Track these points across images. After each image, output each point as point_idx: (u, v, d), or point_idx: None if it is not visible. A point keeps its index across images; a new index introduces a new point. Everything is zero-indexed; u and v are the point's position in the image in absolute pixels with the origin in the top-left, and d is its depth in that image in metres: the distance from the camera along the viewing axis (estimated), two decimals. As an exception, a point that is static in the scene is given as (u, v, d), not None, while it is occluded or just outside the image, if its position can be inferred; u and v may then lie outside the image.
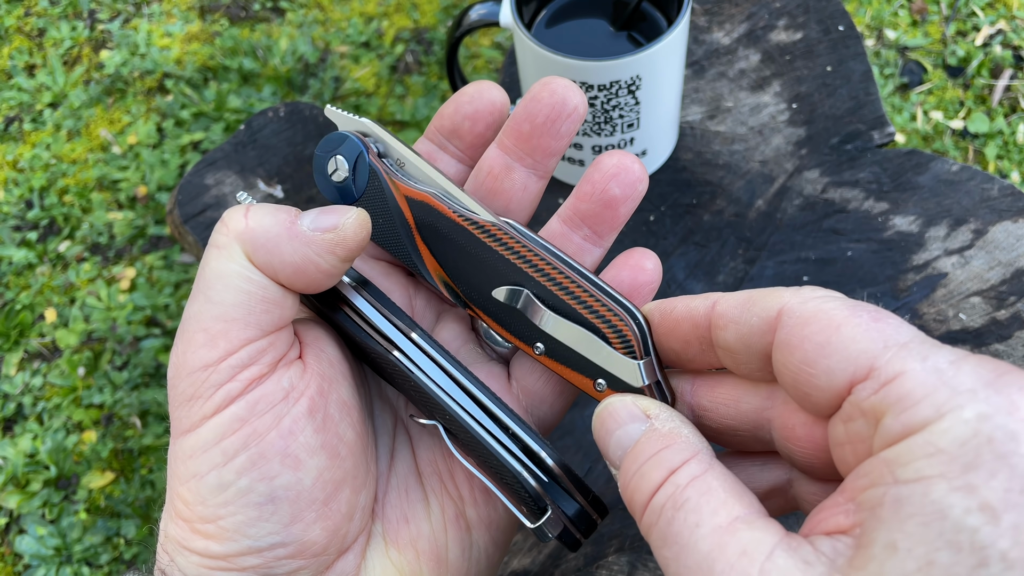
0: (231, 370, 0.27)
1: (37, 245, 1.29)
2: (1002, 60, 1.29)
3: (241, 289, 0.27)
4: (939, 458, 0.20)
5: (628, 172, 0.31)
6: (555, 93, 0.31)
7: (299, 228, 0.28)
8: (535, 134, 0.32)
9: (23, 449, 1.13)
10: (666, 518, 0.23)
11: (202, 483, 0.27)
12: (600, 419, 0.28)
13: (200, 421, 0.27)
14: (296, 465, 0.27)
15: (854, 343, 0.22)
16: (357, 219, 0.29)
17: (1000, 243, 0.57)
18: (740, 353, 0.26)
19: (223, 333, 0.27)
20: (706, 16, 0.70)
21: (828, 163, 0.62)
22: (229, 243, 0.27)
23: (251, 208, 0.28)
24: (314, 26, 1.44)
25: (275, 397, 0.27)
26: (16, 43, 1.50)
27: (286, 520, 0.27)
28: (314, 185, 0.67)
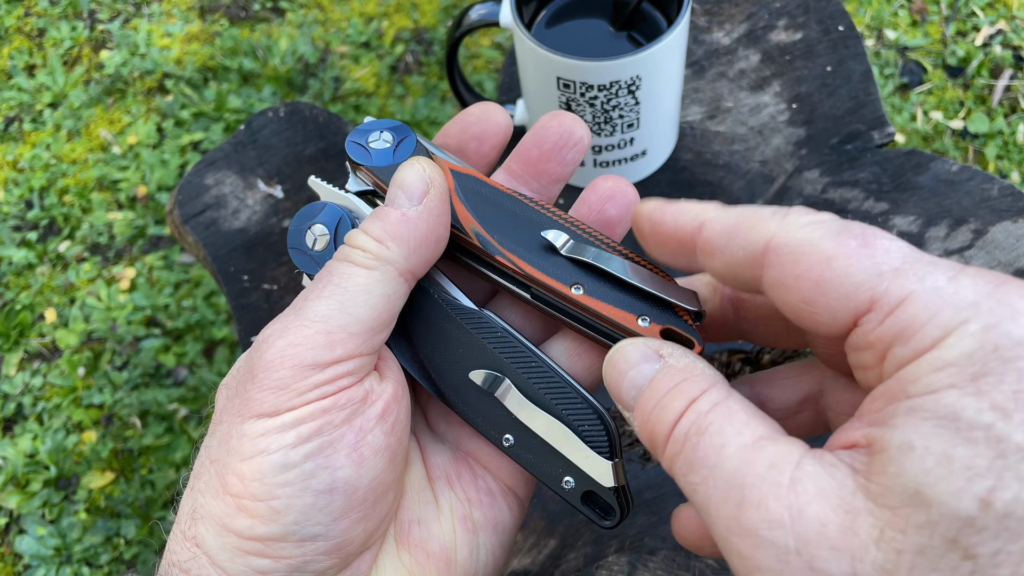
0: (334, 375, 0.28)
1: (37, 245, 1.29)
2: (1002, 60, 1.29)
3: (377, 308, 0.29)
4: (949, 371, 0.21)
5: (623, 194, 0.33)
6: (563, 124, 0.33)
7: (413, 214, 0.29)
8: (542, 159, 0.34)
9: (23, 449, 1.13)
10: (691, 444, 0.24)
11: (267, 460, 0.27)
12: (612, 362, 0.28)
13: (285, 409, 0.27)
14: (360, 463, 0.28)
15: (848, 277, 0.23)
16: (423, 163, 0.30)
17: (1000, 243, 0.57)
18: (729, 280, 0.27)
19: (342, 343, 0.28)
20: (706, 16, 0.70)
21: (828, 163, 0.62)
22: (381, 264, 0.29)
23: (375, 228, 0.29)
24: (314, 26, 1.44)
25: (356, 397, 0.28)
26: (16, 43, 1.50)
27: (336, 514, 0.28)
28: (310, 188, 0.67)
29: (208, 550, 0.27)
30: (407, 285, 0.30)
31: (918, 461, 0.20)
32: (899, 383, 0.22)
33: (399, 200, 0.30)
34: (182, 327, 1.20)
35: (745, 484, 0.22)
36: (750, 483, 0.22)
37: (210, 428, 0.29)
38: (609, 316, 0.30)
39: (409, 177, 0.30)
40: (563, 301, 0.31)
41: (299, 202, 0.66)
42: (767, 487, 0.22)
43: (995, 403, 0.20)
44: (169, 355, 1.18)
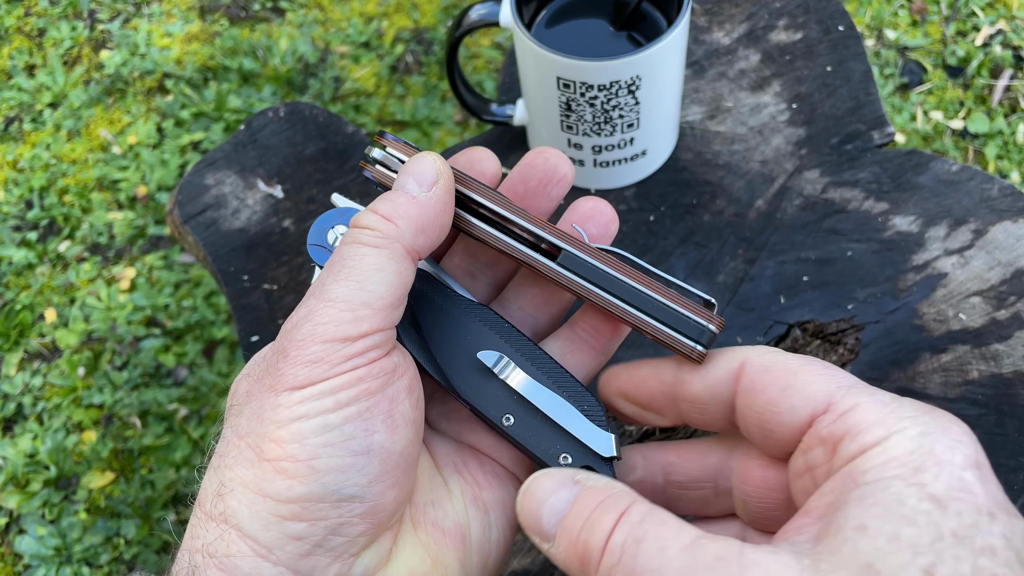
0: (364, 347, 0.29)
1: (37, 245, 1.29)
2: (1002, 60, 1.29)
3: (392, 284, 0.30)
4: (893, 464, 0.25)
5: (602, 215, 0.35)
6: (548, 161, 0.35)
7: (423, 198, 0.31)
8: (528, 195, 0.36)
9: (23, 449, 1.13)
10: (630, 552, 0.26)
11: (307, 424, 0.28)
12: (528, 493, 0.30)
13: (320, 380, 0.29)
14: (393, 429, 0.30)
15: (812, 384, 0.28)
16: (435, 157, 0.32)
17: (1000, 243, 0.57)
18: (707, 403, 0.31)
19: (368, 318, 0.29)
20: (706, 16, 0.70)
21: (828, 163, 0.62)
22: (390, 243, 0.30)
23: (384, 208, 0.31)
24: (314, 26, 1.44)
25: (387, 367, 0.30)
26: (16, 43, 1.50)
27: (372, 476, 0.29)
28: (314, 185, 0.67)
29: (240, 522, 0.28)
30: (413, 264, 0.31)
31: (871, 540, 0.23)
32: (848, 475, 0.25)
33: (408, 185, 0.31)
34: (182, 327, 1.20)
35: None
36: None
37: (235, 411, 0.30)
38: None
39: (420, 166, 0.32)
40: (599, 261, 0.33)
41: (299, 202, 0.66)
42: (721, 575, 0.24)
43: (933, 495, 0.24)
44: (169, 355, 1.18)
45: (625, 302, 0.33)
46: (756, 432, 0.29)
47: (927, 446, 0.25)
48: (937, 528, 0.23)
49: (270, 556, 0.28)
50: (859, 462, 0.25)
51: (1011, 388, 0.52)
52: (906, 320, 0.55)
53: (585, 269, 0.33)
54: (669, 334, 0.32)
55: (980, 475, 0.25)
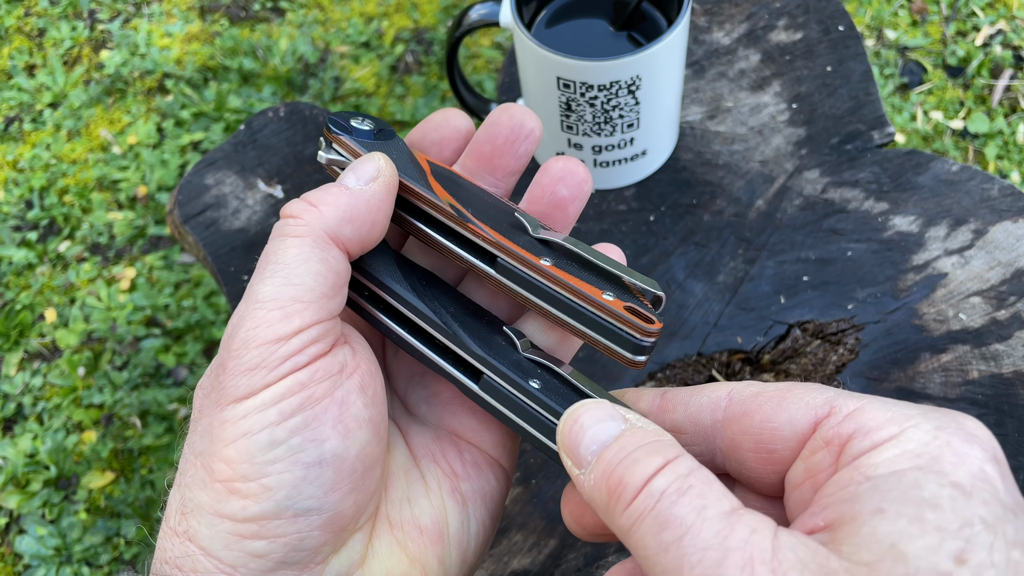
0: (301, 344, 0.28)
1: (37, 245, 1.29)
2: (1002, 60, 1.29)
3: (320, 273, 0.29)
4: (908, 455, 0.23)
5: (573, 175, 0.34)
6: (513, 117, 0.34)
7: (357, 190, 0.30)
8: (496, 154, 0.35)
9: (23, 449, 1.13)
10: (668, 501, 0.24)
11: (252, 440, 0.27)
12: (573, 416, 0.28)
13: (261, 387, 0.28)
14: (346, 433, 0.29)
15: (807, 395, 0.26)
16: (380, 156, 0.32)
17: (1000, 243, 0.57)
18: (687, 432, 0.29)
19: (299, 312, 0.28)
20: (706, 16, 0.70)
21: (828, 163, 0.62)
22: (312, 230, 0.29)
23: (313, 196, 0.30)
24: (314, 26, 1.44)
25: (332, 369, 0.29)
26: (16, 43, 1.50)
27: (327, 486, 0.28)
28: (314, 185, 0.67)
29: (202, 542, 0.28)
30: (340, 252, 0.30)
31: (891, 521, 0.22)
32: (858, 469, 0.23)
33: (346, 178, 0.31)
34: (182, 327, 1.20)
35: (728, 547, 0.23)
36: (733, 546, 0.22)
37: (190, 427, 0.30)
38: (575, 287, 0.31)
39: (362, 162, 0.31)
40: (532, 272, 0.32)
41: (299, 202, 0.66)
42: (751, 551, 0.22)
43: (955, 482, 0.22)
44: (169, 355, 1.18)
45: (561, 312, 0.32)
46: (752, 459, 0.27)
47: (943, 439, 0.23)
48: (964, 514, 0.21)
49: (235, 574, 0.27)
50: (871, 457, 0.23)
51: (1011, 388, 0.52)
52: (906, 320, 0.55)
53: (518, 279, 0.32)
54: (607, 345, 0.31)
55: (1000, 471, 0.23)
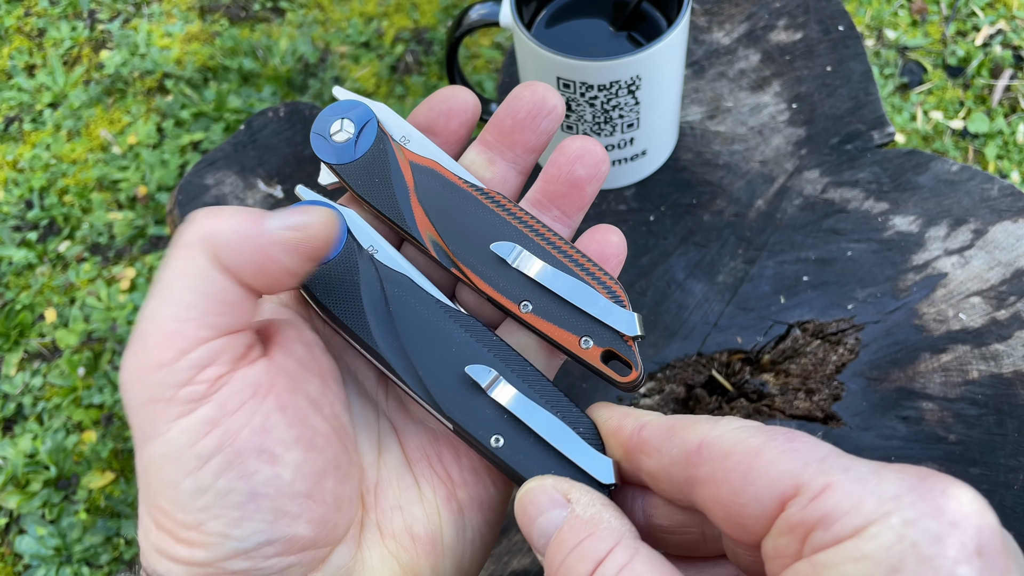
0: (188, 371, 0.26)
1: (37, 245, 1.29)
2: (1002, 60, 1.29)
3: (199, 289, 0.27)
4: (864, 563, 0.20)
5: (591, 154, 0.33)
6: (536, 93, 0.33)
7: (265, 227, 0.27)
8: (516, 129, 0.34)
9: (23, 449, 1.13)
10: None
11: (179, 491, 0.26)
12: (521, 505, 0.28)
13: (165, 426, 0.26)
14: (273, 460, 0.27)
15: (774, 466, 0.23)
16: (324, 217, 0.29)
17: (1000, 243, 0.57)
18: (662, 481, 0.27)
19: (178, 332, 0.26)
20: (706, 16, 0.70)
21: (828, 163, 0.62)
22: (193, 243, 0.27)
23: (215, 210, 0.28)
24: (314, 26, 1.44)
25: (244, 395, 0.27)
26: (16, 43, 1.50)
27: (270, 517, 0.27)
28: (314, 185, 0.67)
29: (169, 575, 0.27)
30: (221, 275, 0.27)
31: None
32: (814, 566, 0.21)
33: (275, 217, 0.28)
34: (182, 327, 1.20)
35: None
36: None
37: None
38: (553, 337, 0.31)
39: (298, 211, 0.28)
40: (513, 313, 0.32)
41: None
42: None
43: None
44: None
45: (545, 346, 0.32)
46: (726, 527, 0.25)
47: (910, 538, 0.20)
48: None
49: None
50: (828, 555, 0.21)
51: (1011, 388, 0.52)
52: (906, 320, 0.55)
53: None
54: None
55: (983, 564, 0.20)
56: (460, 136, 0.35)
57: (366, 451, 0.32)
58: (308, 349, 0.30)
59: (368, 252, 0.32)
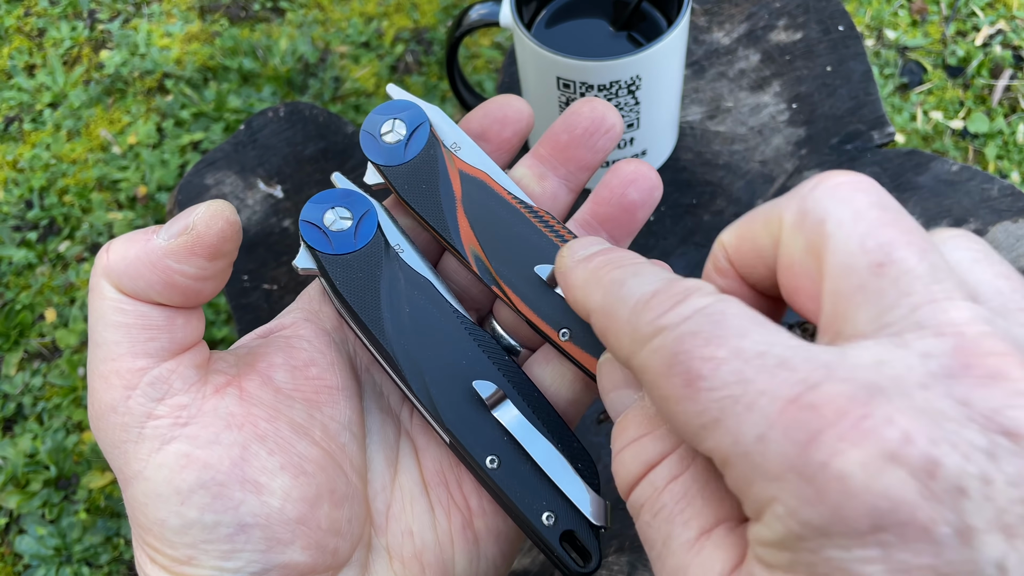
0: (143, 406, 0.26)
1: (37, 245, 1.29)
2: (1002, 60, 1.29)
3: (118, 323, 0.26)
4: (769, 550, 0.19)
5: (646, 179, 0.32)
6: (595, 109, 0.32)
7: (155, 243, 0.27)
8: (572, 145, 0.33)
9: (23, 449, 1.13)
10: (644, 521, 0.23)
11: (166, 528, 0.26)
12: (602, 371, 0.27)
13: (141, 466, 0.26)
14: (258, 489, 0.27)
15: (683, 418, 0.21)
16: (208, 211, 0.27)
17: (1000, 243, 0.57)
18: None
19: (115, 371, 0.26)
20: (706, 16, 0.70)
21: (828, 163, 0.62)
22: (97, 282, 0.27)
23: (111, 242, 0.27)
24: (314, 26, 1.44)
25: (216, 426, 0.27)
26: (16, 43, 1.50)
27: (262, 546, 0.26)
28: (314, 185, 0.67)
29: None
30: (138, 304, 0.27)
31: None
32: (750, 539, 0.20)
33: (162, 229, 0.27)
34: (182, 327, 1.19)
35: None
36: None
37: None
38: (590, 369, 0.30)
39: (180, 215, 0.27)
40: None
41: (299, 202, 0.66)
42: None
43: None
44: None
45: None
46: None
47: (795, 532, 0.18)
48: None
49: None
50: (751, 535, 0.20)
51: (1011, 388, 0.52)
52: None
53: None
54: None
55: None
56: (512, 146, 0.34)
57: (379, 472, 0.31)
58: (296, 372, 0.30)
59: (395, 250, 0.32)
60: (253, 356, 0.30)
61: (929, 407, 0.17)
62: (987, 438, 0.16)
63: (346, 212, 0.31)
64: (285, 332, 0.31)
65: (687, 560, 0.21)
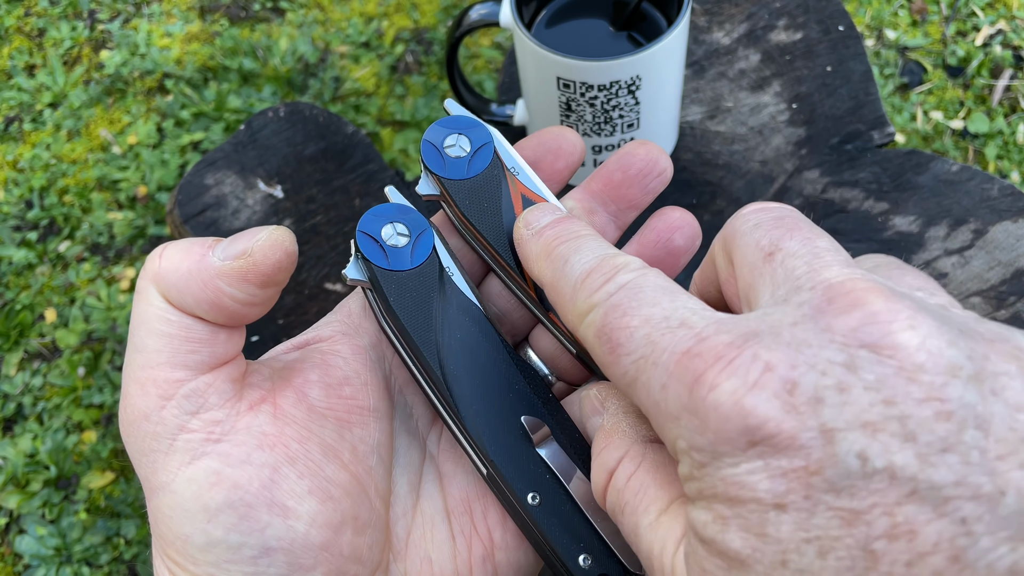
0: (177, 418, 0.26)
1: (37, 245, 1.29)
2: (1002, 60, 1.29)
3: (161, 332, 0.26)
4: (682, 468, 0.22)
5: (690, 226, 0.33)
6: (650, 152, 0.33)
7: (209, 260, 0.27)
8: (624, 184, 0.33)
9: (23, 449, 1.13)
10: (619, 521, 0.25)
11: (189, 544, 0.26)
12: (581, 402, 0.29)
13: (168, 477, 0.26)
14: (285, 513, 0.26)
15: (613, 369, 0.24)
16: (269, 239, 0.27)
17: (1000, 243, 0.57)
18: None
19: (151, 379, 0.26)
20: (706, 16, 0.70)
21: (828, 163, 0.62)
22: (146, 287, 0.27)
23: (166, 247, 0.27)
24: (314, 26, 1.44)
25: (248, 445, 0.27)
26: (16, 43, 1.50)
27: (284, 570, 0.26)
28: (314, 185, 0.67)
29: None
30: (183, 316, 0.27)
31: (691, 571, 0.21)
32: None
33: (219, 247, 0.27)
34: (182, 327, 1.19)
35: (652, 567, 0.24)
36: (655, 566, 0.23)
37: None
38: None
39: (241, 236, 0.27)
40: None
41: (299, 202, 0.66)
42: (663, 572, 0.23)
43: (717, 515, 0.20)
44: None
45: None
46: None
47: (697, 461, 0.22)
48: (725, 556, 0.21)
49: None
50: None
51: (1011, 388, 0.52)
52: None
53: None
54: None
55: None
56: (563, 177, 0.35)
57: (402, 496, 0.31)
58: (330, 390, 0.29)
59: (447, 274, 0.31)
60: (289, 371, 0.30)
61: (794, 339, 0.20)
62: (846, 353, 0.19)
63: (404, 228, 0.31)
64: (322, 347, 0.31)
65: (651, 538, 0.23)
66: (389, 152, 1.30)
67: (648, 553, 0.24)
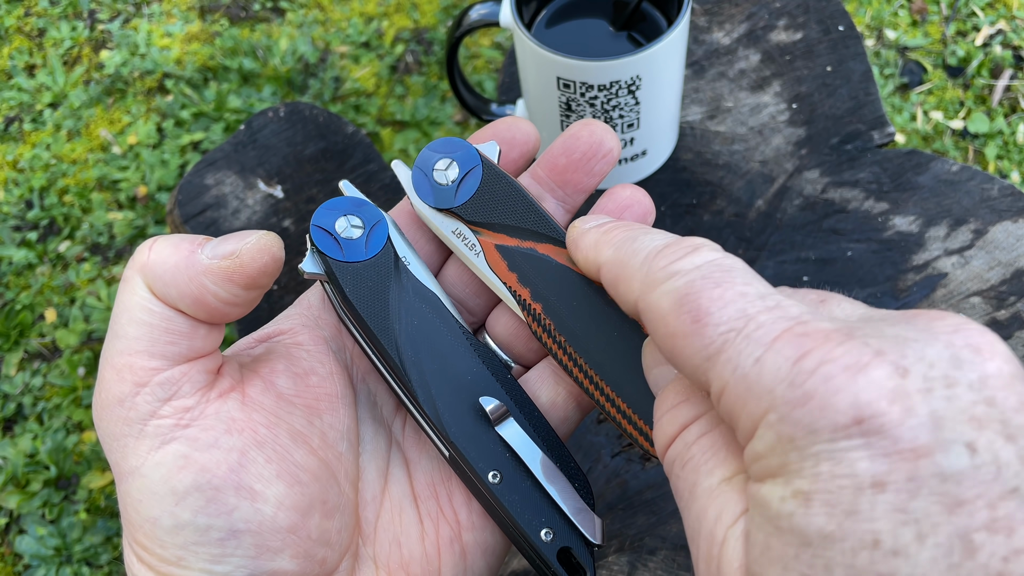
0: (149, 404, 0.26)
1: (37, 245, 1.29)
2: (1002, 60, 1.29)
3: (142, 321, 0.27)
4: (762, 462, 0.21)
5: (640, 204, 0.33)
6: (594, 133, 0.33)
7: (197, 257, 0.27)
8: (570, 168, 0.33)
9: (23, 449, 1.13)
10: (675, 474, 0.25)
11: (157, 527, 0.26)
12: (646, 351, 0.28)
13: (138, 461, 0.26)
14: (253, 496, 0.27)
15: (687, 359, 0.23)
16: (257, 243, 0.28)
17: (1000, 243, 0.57)
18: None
19: (128, 366, 0.26)
20: (706, 16, 0.70)
21: (828, 163, 0.62)
22: (132, 276, 0.27)
23: (156, 240, 0.28)
24: (314, 26, 1.44)
25: (216, 430, 0.27)
26: (16, 43, 1.50)
27: (251, 552, 0.27)
28: (314, 185, 0.67)
29: None
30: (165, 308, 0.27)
31: (753, 549, 0.21)
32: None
33: (209, 245, 0.28)
34: (182, 327, 1.19)
35: (700, 532, 0.23)
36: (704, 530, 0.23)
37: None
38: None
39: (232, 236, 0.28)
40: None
41: (299, 202, 0.66)
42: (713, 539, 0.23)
43: (797, 490, 0.20)
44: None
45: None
46: None
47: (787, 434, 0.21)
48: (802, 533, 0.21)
49: None
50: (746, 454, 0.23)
51: (1011, 388, 0.52)
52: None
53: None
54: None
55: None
56: (518, 166, 0.35)
57: (371, 481, 0.31)
58: (297, 380, 0.30)
59: (403, 262, 0.32)
60: (256, 362, 0.30)
61: (898, 336, 0.20)
62: (951, 351, 0.19)
63: (358, 221, 0.31)
64: (284, 339, 0.31)
65: (707, 503, 0.23)
66: (389, 152, 1.30)
67: (699, 515, 0.23)
